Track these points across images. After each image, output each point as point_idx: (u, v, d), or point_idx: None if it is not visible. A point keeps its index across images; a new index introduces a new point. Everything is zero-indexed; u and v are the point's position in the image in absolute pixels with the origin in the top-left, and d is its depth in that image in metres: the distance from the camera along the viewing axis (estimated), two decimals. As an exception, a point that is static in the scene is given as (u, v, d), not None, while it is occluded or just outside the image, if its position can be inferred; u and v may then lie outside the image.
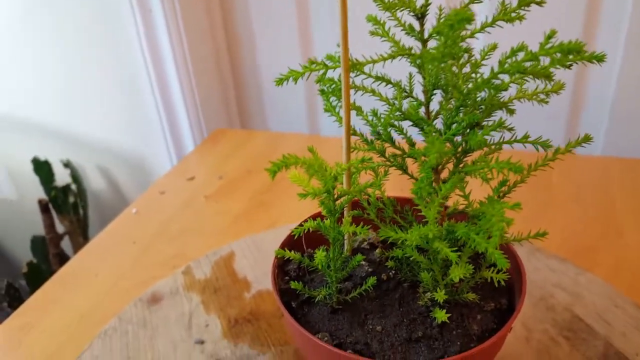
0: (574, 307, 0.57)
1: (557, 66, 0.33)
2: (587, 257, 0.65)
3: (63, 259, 1.15)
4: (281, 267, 0.44)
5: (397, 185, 0.49)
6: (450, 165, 0.37)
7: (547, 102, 0.39)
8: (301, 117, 1.15)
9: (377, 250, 0.43)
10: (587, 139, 0.38)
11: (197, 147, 1.05)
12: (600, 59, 0.34)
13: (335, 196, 0.35)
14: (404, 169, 0.39)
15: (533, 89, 0.38)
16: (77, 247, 1.17)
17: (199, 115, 1.10)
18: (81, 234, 1.18)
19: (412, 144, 0.37)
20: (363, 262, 0.43)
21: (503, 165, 0.29)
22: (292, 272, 0.44)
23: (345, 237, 0.43)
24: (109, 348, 0.55)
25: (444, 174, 0.38)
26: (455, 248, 0.33)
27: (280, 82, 0.37)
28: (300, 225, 0.39)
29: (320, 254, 0.35)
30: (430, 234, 0.32)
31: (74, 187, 1.18)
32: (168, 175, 0.94)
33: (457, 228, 0.32)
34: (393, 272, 0.42)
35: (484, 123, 0.33)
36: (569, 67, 0.34)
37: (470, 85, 0.32)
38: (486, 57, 0.37)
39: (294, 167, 0.32)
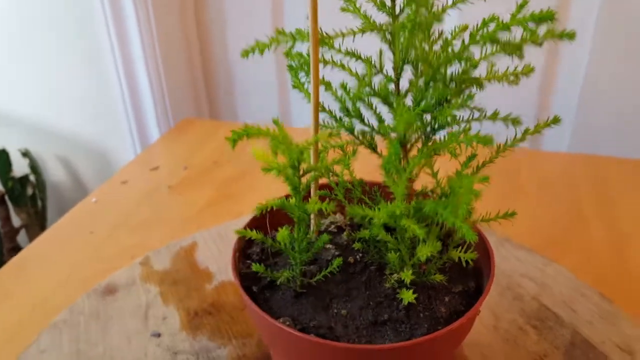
0: (541, 296, 0.57)
1: (529, 42, 0.32)
2: (553, 249, 0.65)
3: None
4: (243, 251, 0.42)
5: (364, 169, 0.48)
6: (419, 145, 0.36)
7: (517, 84, 0.38)
8: (273, 108, 1.13)
9: (345, 233, 0.42)
10: (556, 120, 0.37)
11: (163, 136, 1.02)
12: (571, 36, 0.33)
13: (301, 172, 0.34)
14: (372, 148, 0.37)
15: (503, 71, 0.37)
16: (34, 241, 1.13)
17: (166, 105, 1.07)
18: (39, 228, 1.13)
19: (381, 120, 0.35)
20: (329, 246, 0.41)
21: (472, 138, 0.28)
22: (254, 255, 0.42)
23: (312, 217, 0.41)
24: (57, 341, 0.52)
25: (413, 153, 0.36)
26: (424, 225, 0.31)
27: (246, 53, 0.35)
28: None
29: (283, 232, 0.33)
30: (397, 210, 0.31)
31: (32, 178, 1.13)
32: (131, 164, 0.91)
33: (424, 205, 0.31)
34: (360, 255, 0.41)
35: (454, 101, 0.32)
36: (540, 44, 0.33)
37: (441, 59, 0.31)
38: (457, 37, 0.36)
39: (257, 141, 0.30)
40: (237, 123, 1.09)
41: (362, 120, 0.36)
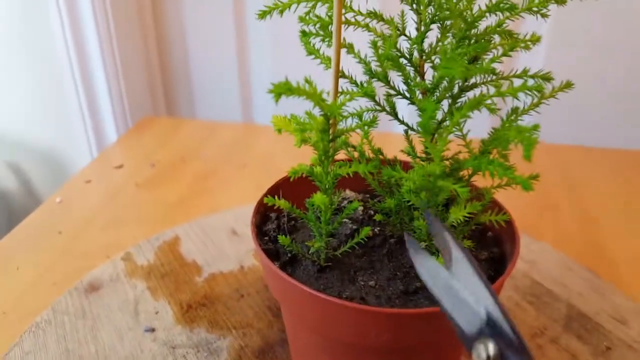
0: (531, 273, 0.58)
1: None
2: (530, 231, 0.66)
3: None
4: (259, 228, 0.41)
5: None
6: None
7: (529, 49, 0.38)
8: (233, 105, 1.11)
9: (353, 204, 0.41)
10: (568, 85, 0.38)
11: (122, 135, 0.97)
12: None
13: (331, 137, 0.33)
14: (394, 114, 0.37)
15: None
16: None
17: (124, 105, 1.02)
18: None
19: (408, 81, 0.35)
20: (346, 220, 0.40)
21: (520, 88, 0.28)
22: (270, 232, 0.40)
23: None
24: (42, 342, 0.48)
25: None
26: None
27: (264, 14, 0.34)
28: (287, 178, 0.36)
29: (319, 196, 0.32)
30: (437, 169, 0.30)
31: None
32: (93, 164, 0.86)
33: (463, 163, 0.31)
34: (378, 228, 0.40)
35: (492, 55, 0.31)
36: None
37: (476, 12, 0.30)
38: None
39: (292, 95, 0.28)
40: (199, 120, 1.06)
41: (387, 83, 0.35)
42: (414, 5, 0.34)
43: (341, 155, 0.39)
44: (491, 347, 0.24)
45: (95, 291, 0.54)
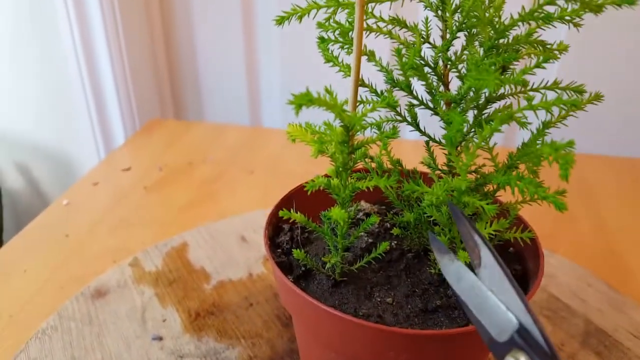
0: (549, 287, 0.57)
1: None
2: (546, 242, 0.65)
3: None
4: (272, 240, 0.39)
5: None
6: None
7: (557, 59, 0.37)
8: (241, 108, 1.10)
9: (371, 218, 0.40)
10: (597, 97, 0.36)
11: (130, 138, 0.96)
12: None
13: (350, 148, 0.31)
14: (416, 124, 0.35)
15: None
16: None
17: (132, 107, 1.01)
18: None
19: (432, 91, 0.33)
20: (362, 233, 0.39)
21: (555, 102, 0.26)
22: (284, 244, 0.39)
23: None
24: (48, 349, 0.47)
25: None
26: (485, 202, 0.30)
27: (281, 20, 0.33)
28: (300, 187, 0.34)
29: (336, 210, 0.30)
30: (463, 185, 0.29)
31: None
32: (100, 166, 0.85)
33: (490, 178, 0.29)
34: (395, 242, 0.38)
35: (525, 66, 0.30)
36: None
37: (506, 21, 0.29)
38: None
39: (312, 105, 0.27)
40: (207, 123, 1.05)
41: (410, 92, 0.34)
42: (439, 12, 0.33)
43: (357, 165, 0.38)
44: (524, 356, 0.23)
45: (102, 297, 0.53)
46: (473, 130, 0.31)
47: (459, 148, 0.32)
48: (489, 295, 0.26)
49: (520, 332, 0.24)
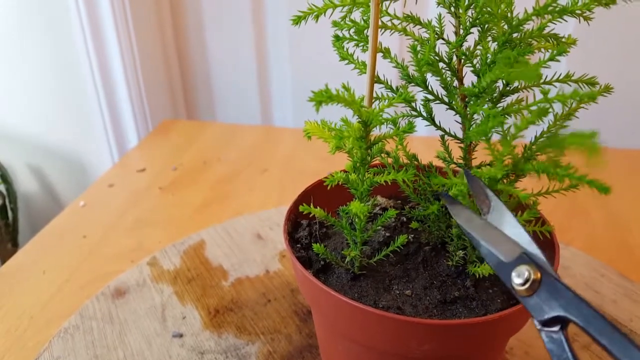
0: (563, 278, 0.57)
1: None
2: (559, 235, 0.65)
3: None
4: (291, 235, 0.40)
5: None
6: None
7: (567, 53, 0.37)
8: (252, 108, 1.11)
9: (389, 212, 0.40)
10: (607, 88, 0.37)
11: (144, 139, 0.97)
12: None
13: (368, 144, 0.32)
14: (432, 119, 0.36)
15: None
16: (5, 256, 1.05)
17: (144, 108, 1.02)
18: (10, 241, 1.06)
19: (447, 87, 0.34)
20: (378, 227, 0.39)
21: (572, 95, 0.27)
22: (302, 239, 0.40)
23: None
24: (71, 347, 0.48)
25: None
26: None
27: (298, 19, 0.33)
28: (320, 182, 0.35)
29: (356, 204, 0.31)
30: (499, 174, 0.29)
31: (2, 188, 1.06)
32: (115, 167, 0.86)
33: (526, 167, 0.30)
34: (412, 235, 0.39)
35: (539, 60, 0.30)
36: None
37: (521, 15, 0.30)
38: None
39: (330, 103, 0.28)
40: (219, 123, 1.06)
41: (426, 88, 0.34)
42: (452, 9, 0.33)
43: (374, 161, 0.39)
44: (533, 269, 0.26)
45: (121, 296, 0.54)
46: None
47: (472, 142, 0.32)
48: (497, 230, 0.29)
49: (526, 254, 0.27)
